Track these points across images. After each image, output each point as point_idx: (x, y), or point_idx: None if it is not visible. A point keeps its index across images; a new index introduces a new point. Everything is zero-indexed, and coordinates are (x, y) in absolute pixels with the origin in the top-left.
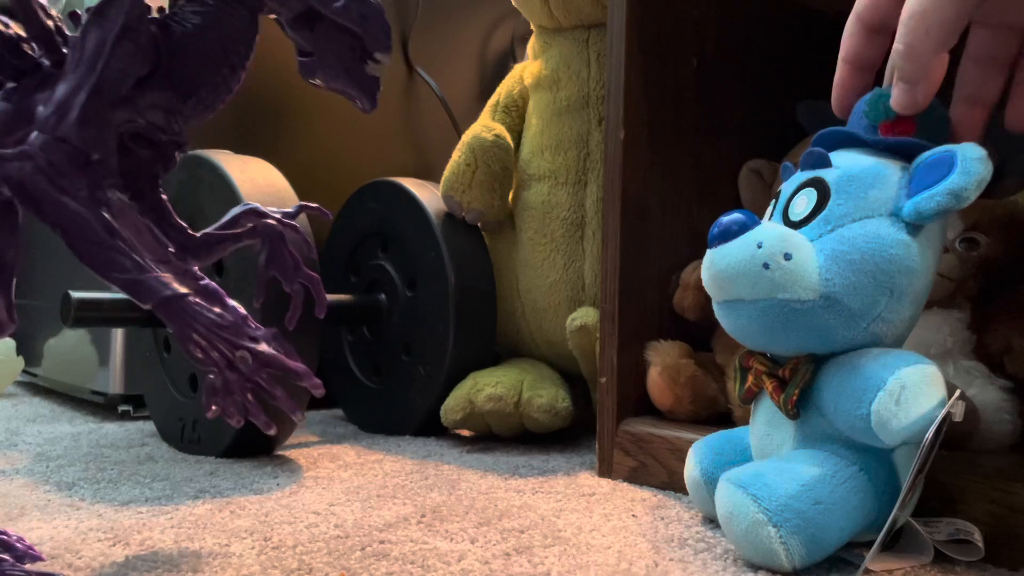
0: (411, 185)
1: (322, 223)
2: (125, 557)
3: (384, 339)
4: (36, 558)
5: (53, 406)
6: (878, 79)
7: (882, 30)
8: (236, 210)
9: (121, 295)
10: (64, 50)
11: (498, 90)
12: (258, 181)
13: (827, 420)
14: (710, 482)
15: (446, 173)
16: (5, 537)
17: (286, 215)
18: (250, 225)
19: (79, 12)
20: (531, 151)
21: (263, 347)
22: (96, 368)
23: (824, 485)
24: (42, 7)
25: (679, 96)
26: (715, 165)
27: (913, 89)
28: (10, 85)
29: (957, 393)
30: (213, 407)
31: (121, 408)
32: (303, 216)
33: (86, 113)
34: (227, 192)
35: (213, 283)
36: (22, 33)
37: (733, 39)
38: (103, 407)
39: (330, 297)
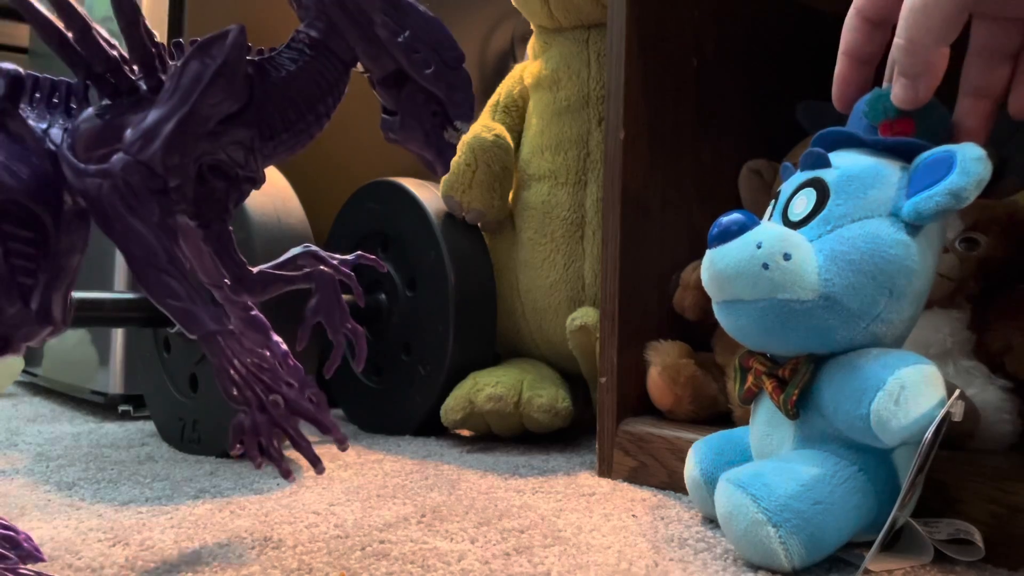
0: (411, 185)
1: (322, 223)
2: (125, 557)
3: (384, 339)
4: (38, 559)
5: (53, 406)
6: (879, 74)
7: (882, 24)
8: (295, 251)
9: (122, 295)
10: (162, 77)
11: (498, 90)
12: None
13: (827, 420)
14: (710, 482)
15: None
16: (13, 534)
17: (343, 263)
18: (306, 269)
19: (182, 42)
20: (531, 151)
21: (296, 395)
22: (96, 368)
23: (824, 485)
24: (149, 34)
25: (679, 96)
26: (715, 165)
27: (915, 84)
28: (105, 102)
29: (957, 393)
30: (238, 445)
31: (121, 408)
32: (304, 215)
33: (171, 142)
34: None
35: (261, 315)
36: (125, 55)
37: (733, 39)
38: (103, 407)
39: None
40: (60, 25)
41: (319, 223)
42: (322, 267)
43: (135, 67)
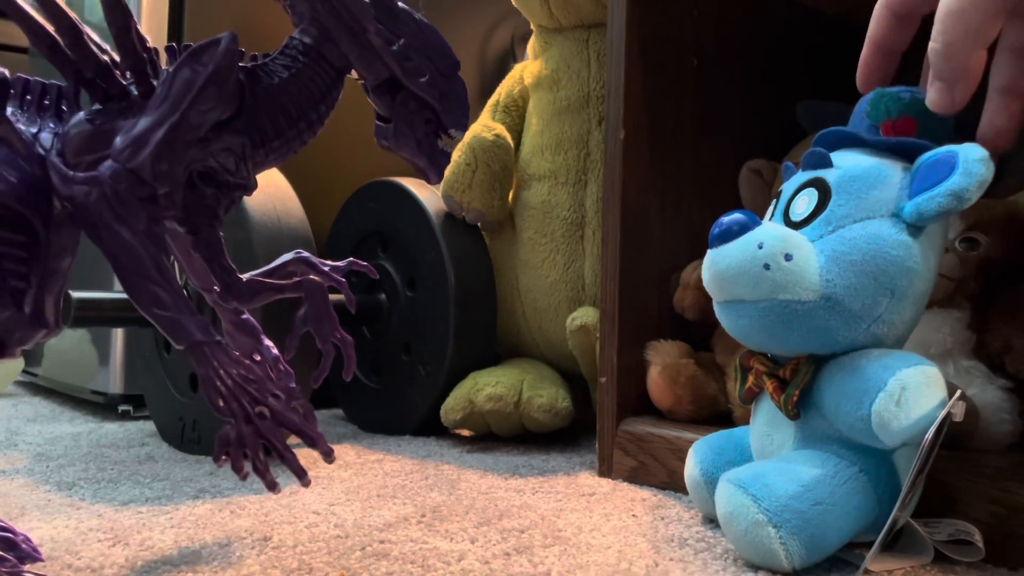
0: (411, 185)
1: (322, 223)
2: (125, 557)
3: (384, 339)
4: (37, 559)
5: (53, 406)
6: (902, 64)
7: (908, 16)
8: (285, 257)
9: (122, 295)
10: (154, 82)
11: (498, 90)
12: (258, 181)
13: (827, 421)
14: (710, 482)
15: (446, 173)
16: (11, 536)
17: (335, 269)
18: (296, 278)
19: (175, 47)
20: (531, 151)
21: (282, 407)
22: (96, 368)
23: (824, 486)
24: (141, 39)
25: (679, 96)
26: (715, 165)
27: (951, 89)
28: (96, 107)
29: (957, 394)
30: (224, 456)
31: (121, 408)
32: (304, 215)
33: (161, 149)
34: None
35: (251, 319)
36: (116, 59)
37: (733, 39)
38: (103, 407)
39: (330, 297)
40: (50, 29)
41: (319, 223)
42: (312, 275)
43: (127, 72)
